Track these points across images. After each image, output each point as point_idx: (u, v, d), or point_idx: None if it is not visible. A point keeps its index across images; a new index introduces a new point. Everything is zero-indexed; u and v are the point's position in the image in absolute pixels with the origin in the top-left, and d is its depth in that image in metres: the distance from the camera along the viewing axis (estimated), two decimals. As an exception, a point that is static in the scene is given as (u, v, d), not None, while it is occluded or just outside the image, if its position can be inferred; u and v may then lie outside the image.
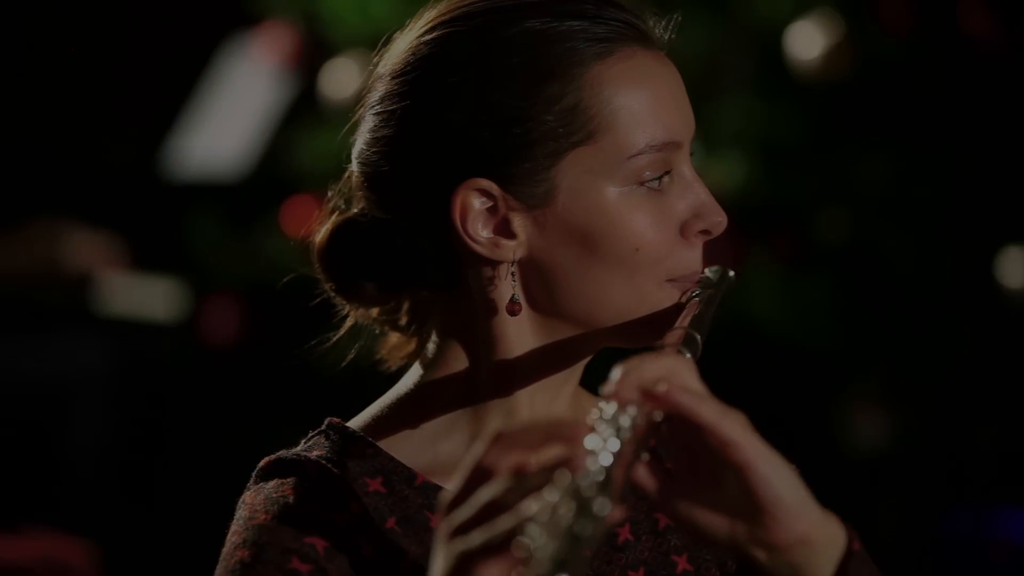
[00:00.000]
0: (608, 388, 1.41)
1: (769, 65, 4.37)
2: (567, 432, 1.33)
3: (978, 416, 4.43)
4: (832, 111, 4.39)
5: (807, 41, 4.27)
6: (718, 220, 1.66)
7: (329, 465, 1.64)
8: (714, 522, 1.42)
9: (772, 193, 4.30)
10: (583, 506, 1.26)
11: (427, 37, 1.67)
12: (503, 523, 1.28)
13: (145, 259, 5.32)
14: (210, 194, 5.37)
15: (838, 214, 4.36)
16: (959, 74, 4.31)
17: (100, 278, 5.16)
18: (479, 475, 1.32)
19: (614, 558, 1.70)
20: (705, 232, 1.67)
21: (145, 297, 5.23)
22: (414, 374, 1.72)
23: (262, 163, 5.33)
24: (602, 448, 1.33)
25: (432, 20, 1.68)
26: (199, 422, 5.30)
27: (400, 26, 1.74)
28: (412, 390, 1.71)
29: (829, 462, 4.20)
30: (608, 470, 1.31)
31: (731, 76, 4.34)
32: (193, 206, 5.32)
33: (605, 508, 1.27)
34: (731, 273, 1.68)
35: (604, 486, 1.29)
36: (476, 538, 1.28)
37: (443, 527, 1.32)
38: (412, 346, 1.76)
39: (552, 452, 1.32)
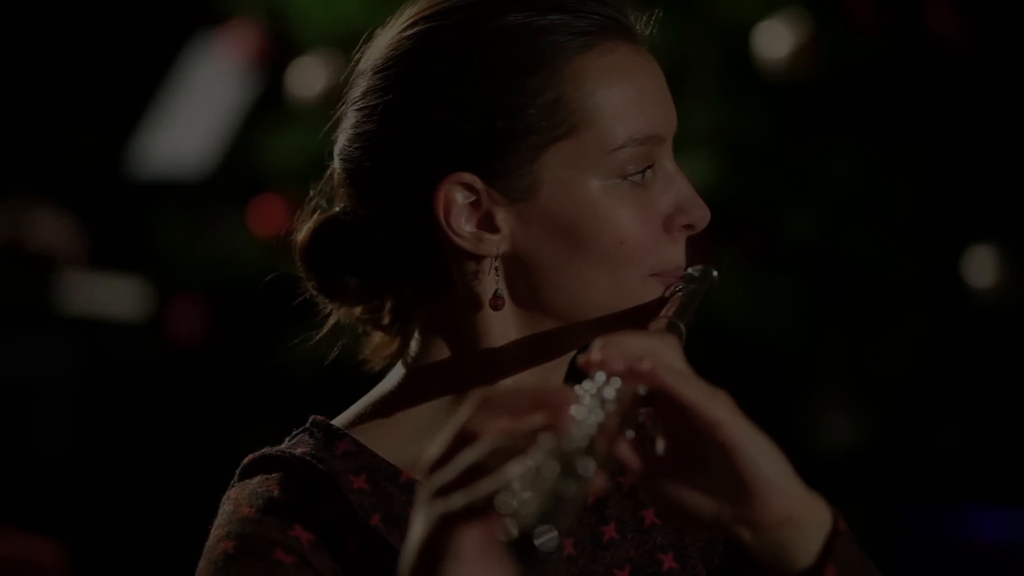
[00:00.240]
0: (590, 356, 1.40)
1: (736, 64, 4.38)
2: (553, 399, 1.32)
3: (944, 414, 4.45)
4: (799, 110, 4.40)
5: (774, 40, 4.27)
6: (701, 214, 1.66)
7: (314, 462, 1.63)
8: (699, 502, 1.41)
9: (739, 192, 4.31)
10: (567, 467, 1.26)
11: (409, 32, 1.66)
12: (485, 486, 1.26)
13: (110, 257, 5.31)
14: (175, 192, 5.36)
15: (805, 213, 4.37)
16: (926, 73, 4.33)
17: (63, 267, 5.15)
18: (463, 438, 1.31)
19: (599, 556, 1.69)
20: (688, 227, 1.67)
21: (110, 296, 5.21)
22: (398, 371, 1.71)
23: (228, 162, 5.31)
24: (586, 417, 1.33)
25: (414, 15, 1.67)
26: (164, 421, 5.28)
27: (368, 23, 1.74)
28: (396, 387, 1.70)
29: (795, 460, 4.20)
30: (592, 437, 1.31)
31: (698, 75, 4.34)
32: (158, 204, 5.31)
33: (589, 469, 1.26)
34: (715, 273, 1.69)
35: (588, 450, 1.29)
36: (458, 500, 1.27)
37: (424, 488, 1.30)
38: (395, 346, 1.75)
39: (537, 418, 1.31)
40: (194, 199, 5.30)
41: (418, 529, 1.29)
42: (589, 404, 1.35)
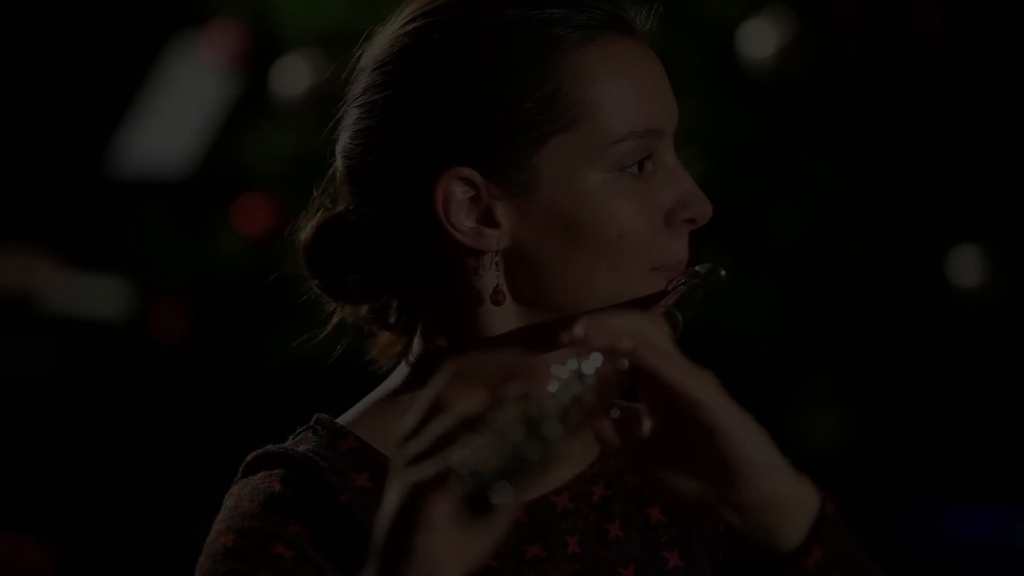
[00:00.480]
0: (573, 332, 1.40)
1: (721, 63, 4.38)
2: (527, 369, 1.32)
3: (931, 413, 4.46)
4: (784, 109, 4.40)
5: (759, 39, 4.27)
6: (703, 208, 1.66)
7: (316, 459, 1.63)
8: (685, 483, 1.41)
9: (723, 191, 4.31)
10: (533, 430, 1.25)
11: (408, 28, 1.66)
12: (456, 455, 1.26)
13: (93, 258, 5.29)
14: (158, 192, 5.34)
15: (789, 212, 4.37)
16: (911, 73, 4.34)
17: (39, 288, 5.14)
18: (435, 409, 1.31)
19: (604, 554, 1.69)
20: (690, 221, 1.67)
21: (94, 296, 5.20)
22: (402, 369, 1.71)
23: (211, 161, 5.30)
24: (561, 389, 1.33)
25: (413, 12, 1.68)
26: (148, 421, 5.27)
27: (351, 23, 1.74)
28: (399, 385, 1.70)
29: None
30: (564, 405, 1.31)
31: (683, 73, 4.34)
32: (141, 204, 5.29)
33: (554, 431, 1.26)
34: (723, 272, 1.68)
35: (560, 418, 1.29)
36: (428, 468, 1.26)
37: (398, 458, 1.30)
38: (402, 344, 1.75)
39: (510, 388, 1.30)
40: (177, 198, 5.29)
41: (390, 499, 1.29)
42: (567, 377, 1.35)
